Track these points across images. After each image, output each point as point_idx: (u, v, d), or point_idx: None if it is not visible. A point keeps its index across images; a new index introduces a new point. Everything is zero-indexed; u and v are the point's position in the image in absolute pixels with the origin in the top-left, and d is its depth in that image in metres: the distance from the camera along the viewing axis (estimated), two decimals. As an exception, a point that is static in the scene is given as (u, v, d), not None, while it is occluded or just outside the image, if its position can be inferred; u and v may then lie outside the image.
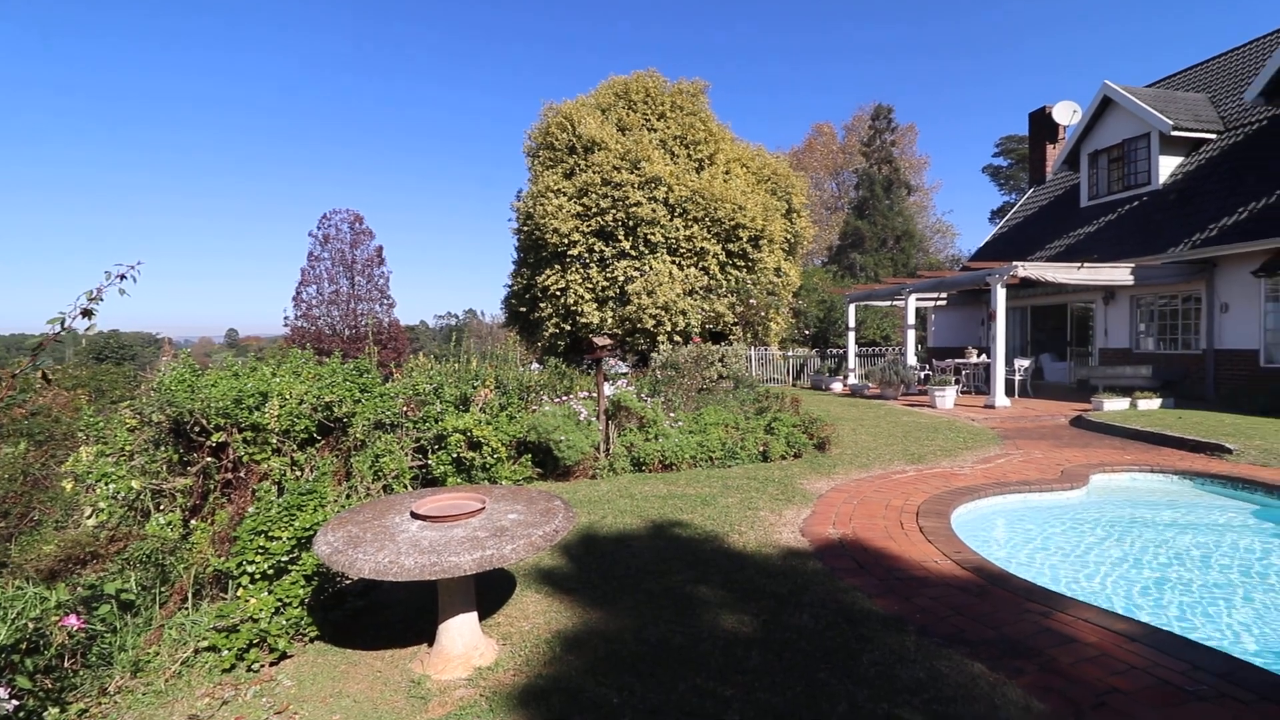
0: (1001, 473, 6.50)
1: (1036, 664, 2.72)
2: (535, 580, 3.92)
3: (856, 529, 4.63)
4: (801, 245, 20.55)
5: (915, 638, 2.98)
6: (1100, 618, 3.13)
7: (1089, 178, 16.66)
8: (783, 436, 7.23)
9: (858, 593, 3.51)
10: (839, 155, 43.98)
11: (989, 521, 5.58)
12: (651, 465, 6.65)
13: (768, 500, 5.46)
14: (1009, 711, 2.39)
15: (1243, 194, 12.16)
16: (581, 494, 5.87)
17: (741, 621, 3.25)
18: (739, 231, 17.39)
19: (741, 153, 19.99)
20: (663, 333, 16.55)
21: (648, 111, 18.88)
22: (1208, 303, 12.41)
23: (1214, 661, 2.71)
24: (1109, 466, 6.73)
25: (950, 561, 3.91)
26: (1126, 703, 2.43)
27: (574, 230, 16.86)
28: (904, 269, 33.18)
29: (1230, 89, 15.42)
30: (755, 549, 4.30)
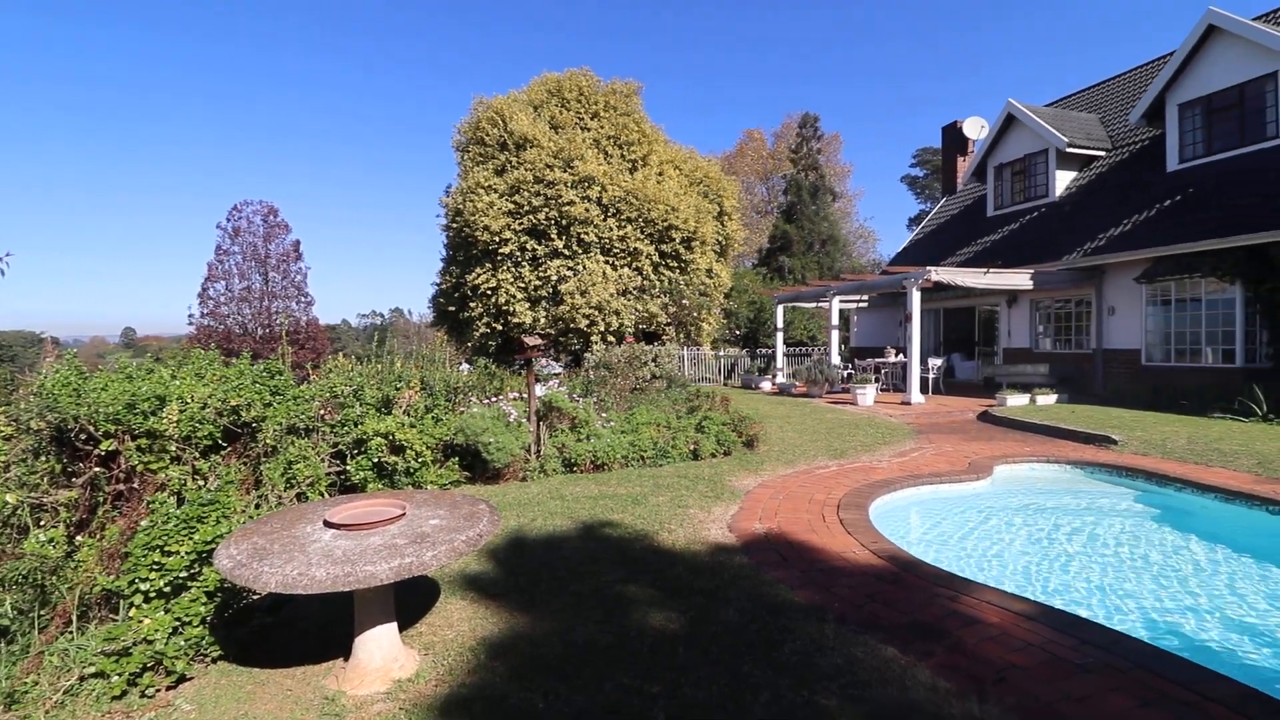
0: (916, 466, 6.87)
1: (944, 645, 2.88)
2: (461, 586, 3.82)
3: (782, 523, 4.76)
4: (732, 247, 20.99)
5: (834, 626, 3.10)
6: (1001, 599, 3.36)
7: (995, 189, 17.87)
8: (713, 435, 7.36)
9: (781, 585, 3.61)
10: (769, 161, 45.26)
11: (904, 512, 5.88)
12: (583, 466, 6.62)
13: (697, 498, 5.54)
14: (918, 692, 2.52)
15: (1127, 207, 13.35)
16: (511, 496, 5.77)
17: (669, 619, 3.28)
18: (672, 233, 17.58)
19: (674, 155, 20.22)
20: (596, 333, 16.52)
21: (581, 110, 18.79)
22: (1097, 306, 13.56)
23: (1099, 636, 2.96)
24: (1011, 458, 7.23)
25: (868, 551, 4.09)
26: (1023, 677, 2.62)
27: (505, 228, 16.57)
28: (829, 272, 34.49)
29: (1118, 111, 16.91)
30: (684, 546, 4.35)
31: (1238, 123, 12.00)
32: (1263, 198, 10.56)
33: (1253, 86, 11.71)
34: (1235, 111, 12.03)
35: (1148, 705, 2.39)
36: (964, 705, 2.41)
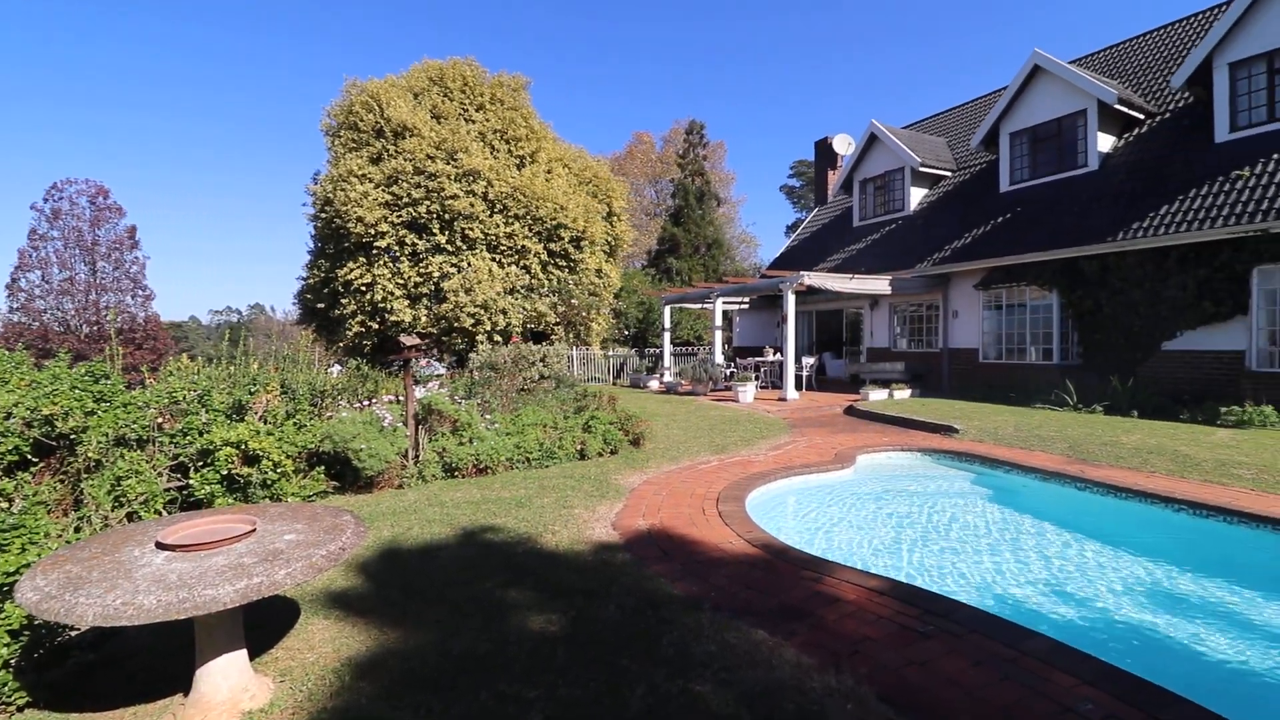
0: (789, 458, 7.30)
1: (808, 625, 3.08)
2: (324, 605, 3.55)
3: (664, 519, 4.87)
4: (622, 248, 21.20)
5: (710, 615, 3.21)
6: (859, 578, 3.64)
7: (860, 202, 19.41)
8: (600, 434, 7.39)
9: (661, 579, 3.69)
10: (657, 164, 46.20)
11: (779, 502, 6.23)
12: (465, 470, 6.39)
13: (583, 498, 5.54)
14: (784, 670, 2.67)
15: (968, 223, 15.00)
16: (385, 506, 5.45)
17: (550, 621, 3.24)
18: (561, 231, 17.46)
19: (564, 153, 20.08)
20: (482, 332, 16.04)
21: (465, 101, 18.16)
22: (944, 310, 15.12)
23: (939, 604, 3.29)
24: (871, 448, 7.89)
25: (743, 541, 4.28)
26: (875, 648, 2.85)
27: (382, 220, 15.65)
28: (714, 275, 35.83)
29: (962, 136, 18.96)
30: (568, 547, 4.33)
31: (1056, 151, 13.87)
32: (1076, 217, 12.28)
33: (1068, 120, 13.59)
34: (1054, 142, 13.90)
35: (979, 664, 2.69)
36: (824, 678, 2.59)
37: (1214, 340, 10.17)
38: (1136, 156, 12.48)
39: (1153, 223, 10.70)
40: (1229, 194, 10.01)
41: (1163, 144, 12.22)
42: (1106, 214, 11.69)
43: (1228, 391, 9.75)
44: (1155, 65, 14.56)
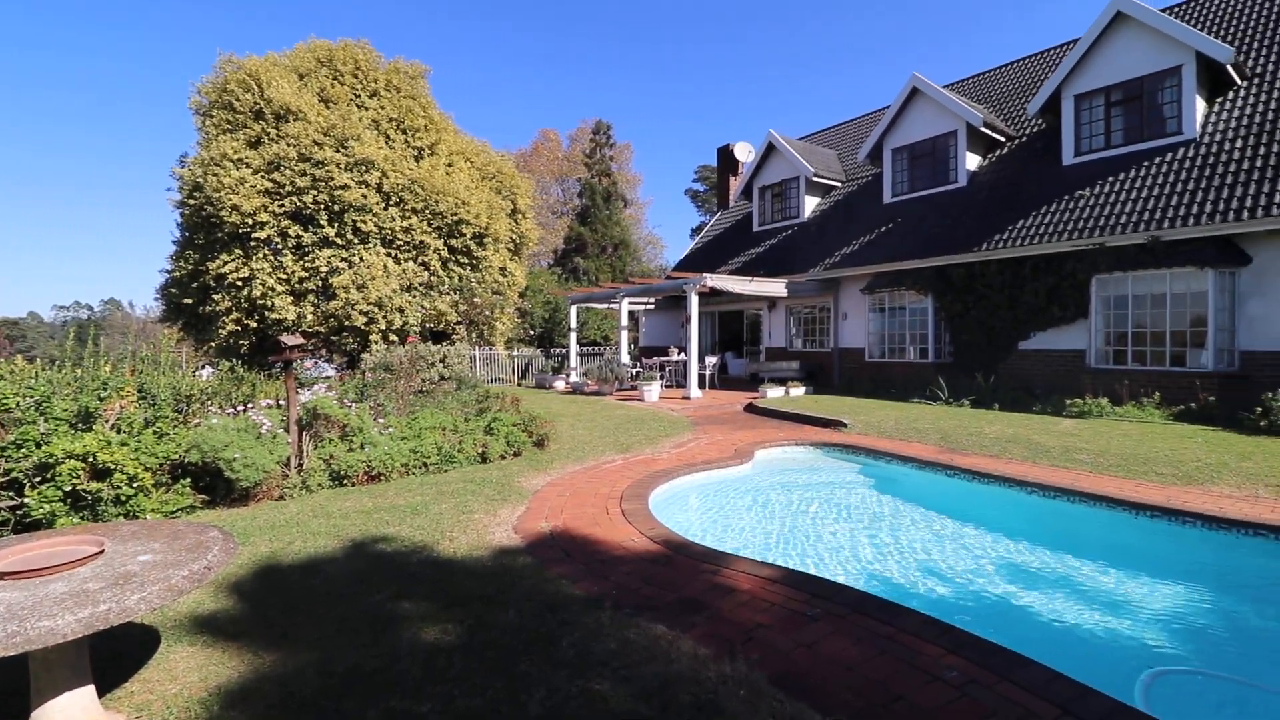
0: (691, 455, 7.48)
1: (705, 616, 3.16)
2: (191, 630, 3.23)
3: (567, 520, 4.84)
4: (527, 246, 20.87)
5: (610, 613, 3.22)
6: (754, 568, 3.78)
7: (759, 208, 20.22)
8: (502, 436, 7.22)
9: (563, 580, 3.66)
10: (564, 163, 45.88)
11: (681, 498, 6.36)
12: (356, 478, 6.03)
13: (483, 502, 5.39)
14: (681, 662, 2.72)
15: (854, 231, 16.03)
16: (263, 519, 5.04)
17: (445, 630, 3.13)
18: (462, 227, 16.91)
19: (466, 147, 19.46)
20: (376, 331, 15.23)
21: (358, 86, 17.17)
22: (834, 311, 16.07)
23: (826, 588, 3.48)
24: (768, 443, 8.24)
25: (645, 538, 4.33)
26: (767, 634, 2.97)
27: (262, 209, 14.47)
28: (621, 275, 36.10)
29: (851, 149, 20.23)
30: (467, 553, 4.19)
31: (931, 167, 15.11)
32: (947, 229, 13.44)
33: (941, 140, 14.84)
34: (930, 158, 15.14)
35: (860, 642, 2.87)
36: (719, 667, 2.67)
37: (1061, 340, 11.49)
38: (998, 175, 13.85)
39: (1011, 235, 11.92)
40: (1073, 211, 11.34)
41: (1020, 164, 13.65)
42: (973, 226, 12.90)
43: (1072, 386, 11.04)
44: (1016, 93, 16.24)
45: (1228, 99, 11.01)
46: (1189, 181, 10.19)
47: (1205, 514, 4.89)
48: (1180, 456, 6.68)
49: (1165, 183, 10.49)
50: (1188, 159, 10.56)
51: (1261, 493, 5.40)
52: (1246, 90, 10.90)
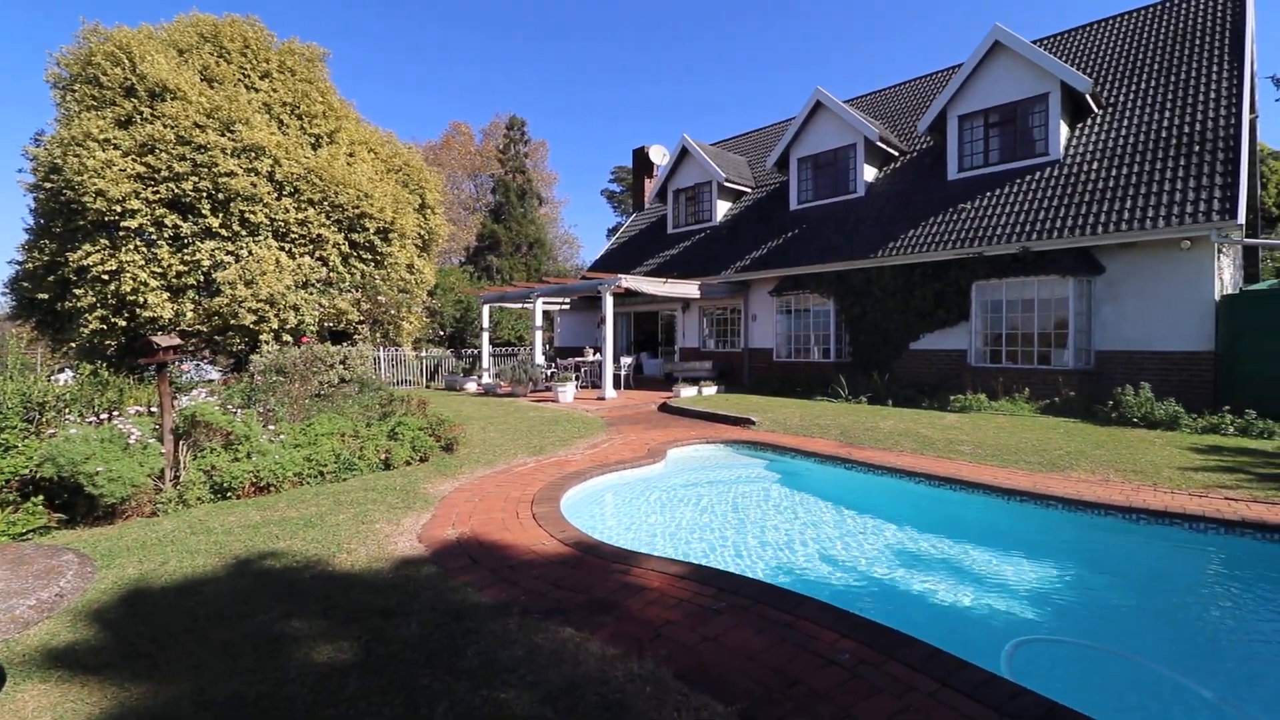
0: (605, 456, 7.48)
1: (614, 616, 3.17)
2: (43, 666, 2.87)
3: (475, 526, 4.70)
4: (436, 243, 20.15)
5: (518, 619, 3.16)
6: (664, 565, 3.83)
7: (673, 210, 20.55)
8: (408, 441, 6.92)
9: (469, 588, 3.55)
10: (476, 158, 44.68)
11: (595, 499, 6.34)
12: (242, 490, 5.58)
13: (386, 511, 5.14)
14: (589, 664, 2.71)
15: (764, 236, 16.62)
16: (132, 538, 4.56)
17: (340, 649, 2.95)
18: (365, 221, 16.08)
19: (369, 136, 18.54)
20: (267, 331, 14.19)
21: (247, 66, 15.93)
22: (745, 313, 16.60)
23: (732, 582, 3.58)
24: (680, 442, 8.39)
25: (556, 541, 4.28)
26: (675, 630, 3.02)
27: (132, 196, 13.12)
28: (536, 274, 35.61)
29: (760, 156, 20.95)
30: (366, 566, 3.98)
31: (833, 177, 15.92)
32: (847, 236, 14.21)
33: (842, 152, 15.67)
34: (832, 169, 15.95)
35: (762, 632, 2.97)
36: (626, 666, 2.68)
37: (946, 341, 12.44)
38: (893, 186, 14.81)
39: (903, 243, 12.78)
40: (956, 223, 12.31)
41: (912, 177, 14.65)
42: (870, 234, 13.72)
43: (956, 383, 11.98)
44: (908, 110, 17.43)
45: (1087, 124, 12.33)
46: (1054, 198, 11.33)
47: (1065, 497, 5.44)
48: (1045, 446, 7.41)
49: (1034, 199, 11.61)
50: (1053, 178, 11.73)
51: (1111, 477, 6.08)
52: (1102, 118, 12.26)
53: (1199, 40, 12.47)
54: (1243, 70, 11.18)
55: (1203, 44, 12.32)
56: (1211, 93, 11.11)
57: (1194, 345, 9.68)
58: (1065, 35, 15.66)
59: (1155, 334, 10.07)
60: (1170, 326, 9.92)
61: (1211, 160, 9.97)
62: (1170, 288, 9.92)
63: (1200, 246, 9.59)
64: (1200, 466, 6.36)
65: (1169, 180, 10.16)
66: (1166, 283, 9.95)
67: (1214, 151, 10.07)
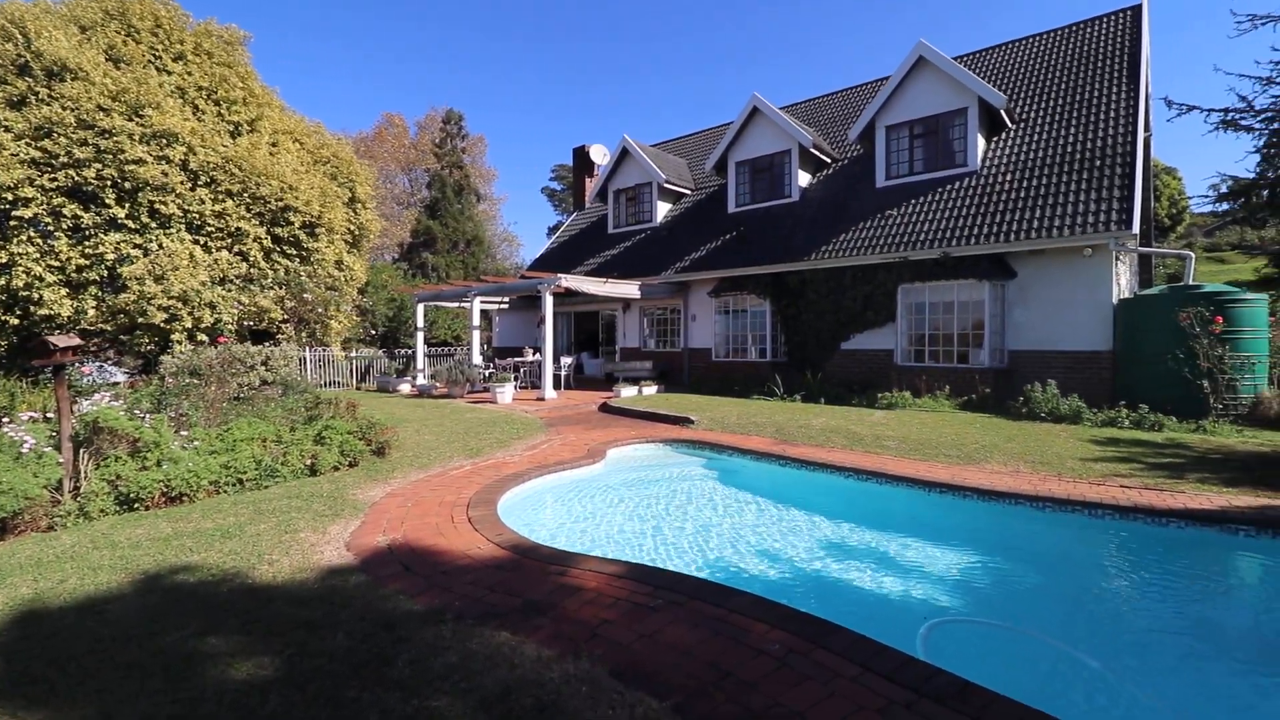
0: (544, 457, 7.42)
1: (550, 617, 3.15)
2: (-92, 700, 2.60)
3: (408, 532, 4.58)
4: (368, 239, 19.43)
5: (452, 625, 3.10)
6: (602, 565, 3.84)
7: (614, 211, 20.58)
8: (336, 445, 6.65)
9: (401, 596, 3.46)
10: (411, 151, 43.33)
11: (533, 501, 6.28)
12: (151, 501, 5.22)
13: (311, 519, 4.92)
14: (524, 667, 2.69)
15: (703, 238, 16.88)
16: (25, 556, 4.20)
17: (260, 665, 2.81)
18: (289, 215, 15.33)
19: (295, 126, 17.69)
20: (180, 330, 13.32)
21: (159, 47, 14.90)
22: (684, 313, 16.81)
23: (668, 579, 3.63)
24: (620, 442, 8.42)
25: (492, 545, 4.22)
26: (612, 629, 3.04)
27: (26, 183, 12.06)
28: (474, 272, 34.89)
29: (700, 159, 21.25)
30: (289, 577, 3.81)
31: (770, 182, 16.33)
32: (782, 239, 14.61)
33: (778, 157, 16.10)
34: (768, 173, 16.36)
35: (696, 627, 3.03)
36: (562, 667, 2.68)
37: (875, 341, 12.99)
38: (826, 192, 15.33)
39: (835, 247, 13.26)
40: (883, 228, 12.87)
41: (842, 184, 15.22)
42: (804, 237, 14.16)
43: (883, 381, 12.53)
44: (840, 119, 18.08)
45: (1002, 138, 13.14)
46: (972, 207, 12.02)
47: (980, 488, 5.79)
48: (963, 440, 7.86)
49: (954, 207, 12.28)
50: (971, 187, 12.45)
51: (1021, 468, 6.51)
52: (1016, 132, 13.09)
53: (1100, 63, 13.51)
54: (1138, 92, 12.19)
55: (1104, 67, 13.36)
56: (1111, 112, 12.07)
57: (1094, 345, 10.50)
58: (983, 53, 16.65)
59: (1061, 335, 10.85)
60: (1074, 328, 10.71)
61: (1110, 174, 10.83)
62: (1074, 292, 10.71)
63: (1100, 254, 10.40)
64: (1099, 457, 6.90)
65: (1073, 192, 10.97)
66: (1070, 287, 10.74)
67: (1113, 166, 10.94)
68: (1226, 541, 4.78)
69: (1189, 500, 5.22)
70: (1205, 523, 4.85)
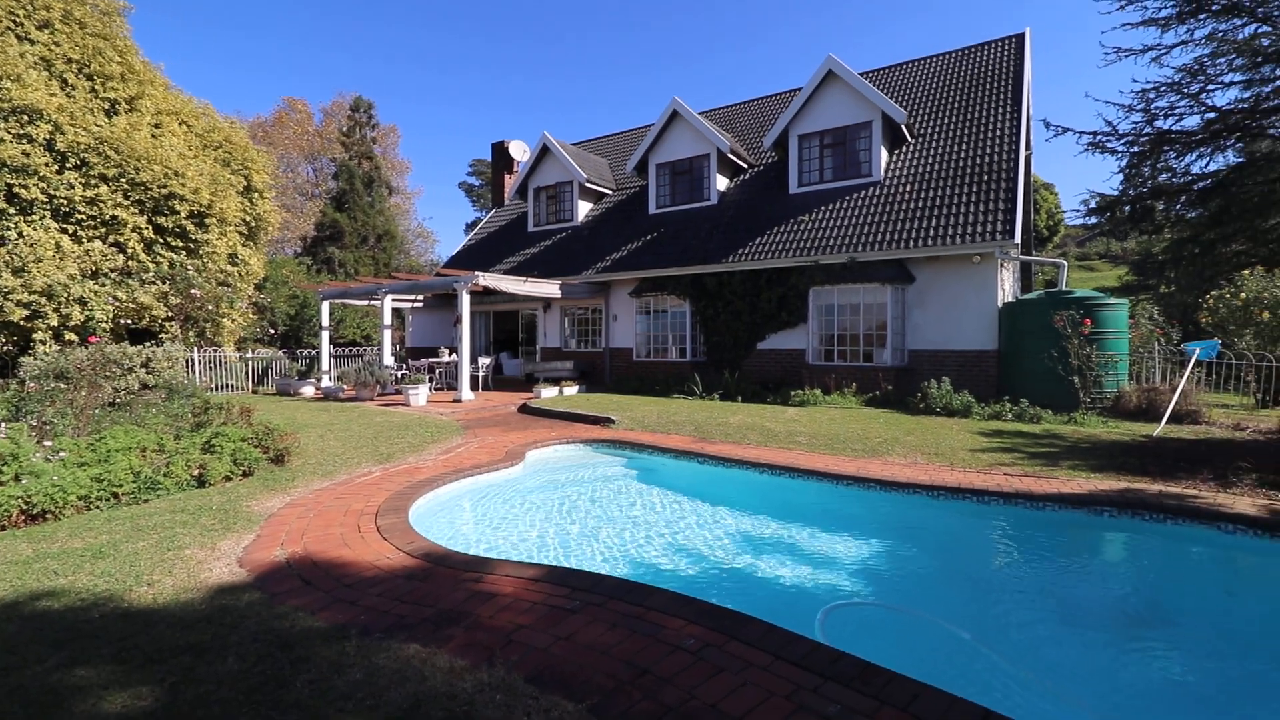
0: (460, 460, 7.20)
1: (464, 626, 3.06)
2: None
3: (309, 544, 4.31)
4: (266, 231, 18.15)
5: (357, 641, 2.94)
6: (518, 570, 3.77)
7: (534, 208, 20.29)
8: (228, 454, 6.16)
9: (300, 613, 3.25)
10: (316, 139, 40.88)
11: (448, 507, 6.08)
12: (9, 520, 4.64)
13: (199, 534, 4.54)
14: (435, 679, 2.60)
15: (624, 238, 16.95)
16: None
17: (138, 696, 2.56)
18: (175, 203, 14.08)
19: (181, 107, 16.26)
20: (43, 328, 11.95)
21: (19, 12, 13.27)
22: (606, 313, 16.82)
23: (587, 580, 3.60)
24: (540, 443, 8.31)
25: (403, 554, 4.05)
26: (528, 634, 2.98)
27: None
28: (386, 269, 33.37)
29: (621, 159, 21.31)
30: (172, 599, 3.49)
31: (689, 185, 16.62)
32: (702, 241, 14.90)
33: (697, 161, 16.41)
34: (688, 176, 16.64)
35: (614, 627, 3.03)
36: (476, 676, 2.60)
37: (788, 341, 13.51)
38: (742, 196, 15.78)
39: (751, 250, 13.68)
40: (796, 233, 13.41)
41: (758, 189, 15.72)
42: (723, 240, 14.52)
43: (796, 379, 13.05)
44: (756, 126, 18.66)
45: (903, 151, 14.00)
46: (876, 215, 12.74)
47: (882, 479, 6.15)
48: (868, 434, 8.32)
49: (860, 214, 12.97)
50: (876, 197, 13.19)
51: (919, 460, 6.96)
52: (915, 146, 13.98)
53: (988, 86, 14.68)
54: (1021, 113, 13.34)
55: (992, 89, 14.52)
56: (997, 131, 13.13)
57: (982, 345, 11.39)
58: (887, 70, 17.68)
59: (954, 335, 11.70)
60: (964, 329, 11.58)
61: (996, 189, 11.79)
62: (964, 296, 11.58)
63: (988, 261, 11.30)
64: (986, 448, 7.50)
65: (964, 204, 11.85)
66: (961, 291, 11.61)
67: (998, 181, 11.91)
68: (1094, 522, 5.31)
69: (1062, 485, 5.76)
70: (1076, 505, 5.37)
